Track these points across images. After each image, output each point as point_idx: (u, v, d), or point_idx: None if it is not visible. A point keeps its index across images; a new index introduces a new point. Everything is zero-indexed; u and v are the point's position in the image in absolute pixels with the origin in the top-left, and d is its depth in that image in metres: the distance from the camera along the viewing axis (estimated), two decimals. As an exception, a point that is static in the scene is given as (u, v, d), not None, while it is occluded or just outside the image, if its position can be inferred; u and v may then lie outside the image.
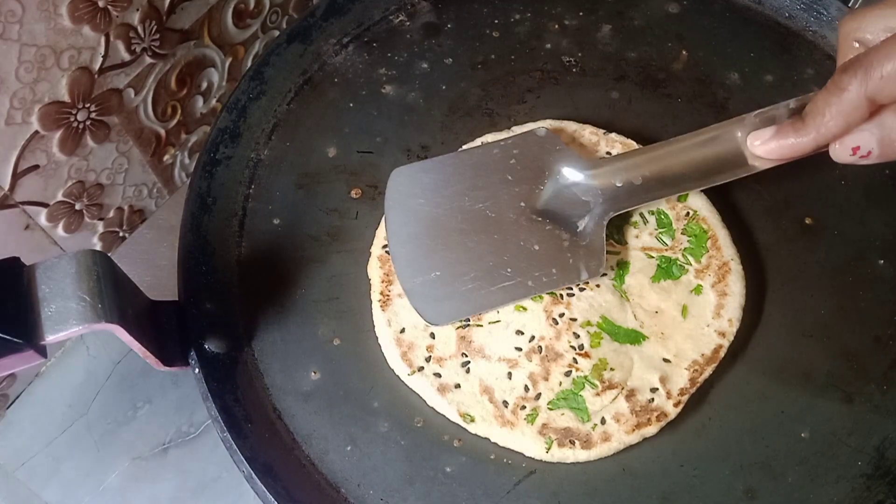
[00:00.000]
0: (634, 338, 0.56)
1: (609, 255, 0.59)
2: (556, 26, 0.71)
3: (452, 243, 0.57)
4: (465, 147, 0.63)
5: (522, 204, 0.58)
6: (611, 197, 0.58)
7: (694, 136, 0.58)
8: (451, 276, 0.56)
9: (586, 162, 0.59)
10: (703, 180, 0.57)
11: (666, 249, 0.59)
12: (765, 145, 0.55)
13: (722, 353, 0.56)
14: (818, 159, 0.65)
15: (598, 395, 0.54)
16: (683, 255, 0.59)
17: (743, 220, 0.61)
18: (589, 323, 0.56)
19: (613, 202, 0.57)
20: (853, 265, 0.60)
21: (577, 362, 0.55)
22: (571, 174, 0.59)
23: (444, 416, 0.54)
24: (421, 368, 0.55)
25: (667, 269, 0.58)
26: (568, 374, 0.55)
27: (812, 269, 0.60)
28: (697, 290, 0.58)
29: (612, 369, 0.55)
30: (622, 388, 0.54)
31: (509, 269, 0.56)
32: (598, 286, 0.58)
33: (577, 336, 0.56)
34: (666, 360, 0.55)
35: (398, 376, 0.55)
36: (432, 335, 0.56)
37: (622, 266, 0.58)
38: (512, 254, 0.57)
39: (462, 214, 0.58)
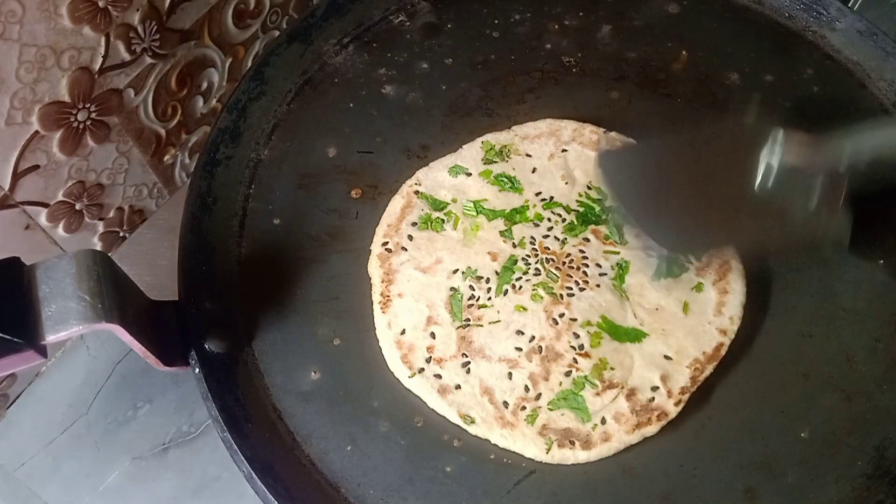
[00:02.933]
0: (635, 336, 0.56)
1: (609, 254, 0.59)
2: (556, 26, 0.71)
3: (678, 208, 0.58)
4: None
5: (746, 184, 0.56)
6: (837, 174, 0.55)
7: None
8: (691, 219, 0.57)
9: (808, 137, 0.56)
10: None
11: (666, 249, 0.59)
12: None
13: (723, 352, 0.56)
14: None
15: (598, 394, 0.54)
16: (684, 253, 0.59)
17: (743, 220, 0.61)
18: (589, 323, 0.56)
19: (840, 182, 0.55)
20: (853, 265, 0.60)
21: (577, 362, 0.55)
22: (793, 152, 0.55)
23: (444, 416, 0.54)
24: (421, 370, 0.55)
25: (667, 269, 0.58)
26: (568, 374, 0.55)
27: (812, 268, 0.60)
28: (698, 287, 0.58)
29: (612, 369, 0.55)
30: (622, 388, 0.54)
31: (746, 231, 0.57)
32: (598, 286, 0.58)
33: (577, 336, 0.56)
34: (667, 357, 0.55)
35: (398, 379, 0.55)
36: (433, 335, 0.56)
37: (622, 266, 0.58)
38: (747, 217, 0.56)
39: (685, 189, 0.57)
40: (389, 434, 0.54)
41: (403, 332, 0.56)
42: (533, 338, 0.56)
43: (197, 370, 0.54)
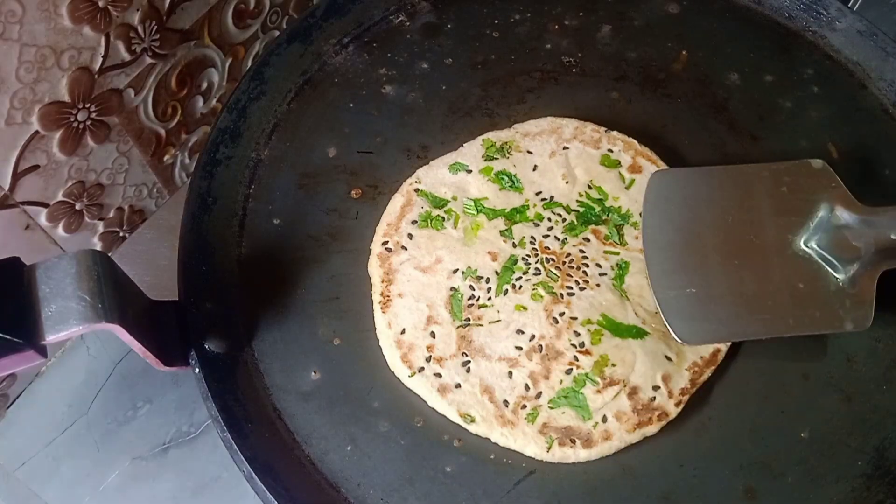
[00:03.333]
0: (637, 332, 0.56)
1: (609, 255, 0.59)
2: (556, 26, 0.71)
3: (711, 262, 0.56)
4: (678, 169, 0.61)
5: (789, 236, 0.56)
6: (884, 249, 0.55)
7: None
8: (708, 296, 0.55)
9: (863, 207, 0.56)
10: None
11: (666, 249, 0.59)
12: None
13: (720, 357, 0.56)
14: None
15: (599, 392, 0.54)
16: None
17: (743, 220, 0.61)
18: (589, 321, 0.56)
19: (887, 256, 0.55)
20: (853, 265, 0.60)
21: (577, 360, 0.55)
22: (846, 216, 0.56)
23: (444, 415, 0.54)
24: (421, 369, 0.55)
25: None
26: (569, 371, 0.55)
27: (812, 268, 0.60)
28: (698, 290, 0.58)
29: (613, 365, 0.55)
30: (624, 385, 0.54)
31: (770, 302, 0.54)
32: (598, 286, 0.58)
33: (577, 334, 0.56)
34: (668, 358, 0.55)
35: (398, 378, 0.55)
36: (433, 335, 0.56)
37: (622, 267, 0.58)
38: (775, 287, 0.55)
39: (724, 234, 0.56)
40: (389, 434, 0.54)
41: (403, 331, 0.56)
42: (533, 336, 0.56)
43: (197, 370, 0.54)
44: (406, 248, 0.59)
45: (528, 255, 0.59)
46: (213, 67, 0.77)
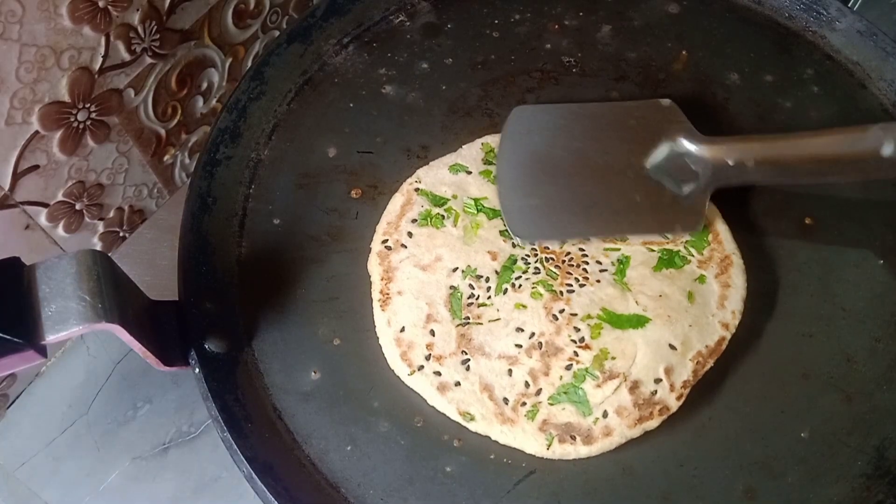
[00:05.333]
0: (637, 321, 0.56)
1: (610, 251, 0.59)
2: (556, 26, 0.71)
3: (558, 182, 0.60)
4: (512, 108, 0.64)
5: (633, 160, 0.61)
6: (719, 171, 0.60)
7: (821, 134, 0.59)
8: (549, 207, 0.60)
9: (703, 136, 0.61)
10: (819, 176, 0.60)
11: (667, 243, 0.59)
12: None
13: (724, 346, 0.56)
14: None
15: (599, 386, 0.54)
16: (685, 247, 0.59)
17: (743, 220, 0.61)
18: (589, 316, 0.56)
19: (721, 177, 0.60)
20: (853, 265, 0.60)
21: (577, 355, 0.55)
22: (687, 144, 0.61)
23: (444, 415, 0.54)
24: (421, 367, 0.55)
25: (669, 260, 0.58)
26: (569, 367, 0.54)
27: (812, 268, 0.60)
28: (701, 279, 0.58)
29: (613, 358, 0.55)
30: (624, 378, 0.54)
31: (607, 211, 0.59)
32: (598, 282, 0.58)
33: (577, 330, 0.56)
34: (672, 347, 0.55)
35: (398, 376, 0.56)
36: (432, 333, 0.56)
37: (622, 261, 0.58)
38: (613, 199, 0.60)
39: (573, 157, 0.61)
40: (389, 434, 0.54)
41: (403, 329, 0.56)
42: (533, 334, 0.56)
43: (197, 370, 0.54)
44: (406, 247, 0.59)
45: (528, 255, 0.59)
46: (213, 67, 0.77)
